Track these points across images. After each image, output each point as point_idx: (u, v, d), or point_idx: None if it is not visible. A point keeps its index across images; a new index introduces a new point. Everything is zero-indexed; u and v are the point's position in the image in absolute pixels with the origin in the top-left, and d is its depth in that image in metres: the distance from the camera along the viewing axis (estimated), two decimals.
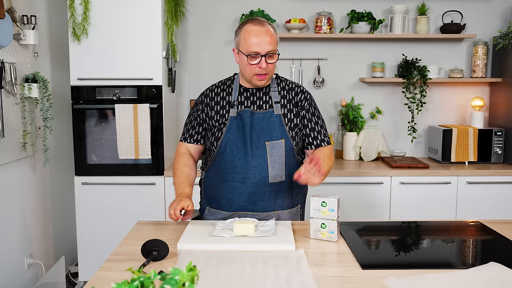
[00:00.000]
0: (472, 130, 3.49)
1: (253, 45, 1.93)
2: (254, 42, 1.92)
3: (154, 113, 3.18)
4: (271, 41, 1.93)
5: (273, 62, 1.97)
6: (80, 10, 3.08)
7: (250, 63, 1.95)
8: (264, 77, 1.98)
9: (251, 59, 1.94)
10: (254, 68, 1.96)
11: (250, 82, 2.04)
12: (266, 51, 1.93)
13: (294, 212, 2.11)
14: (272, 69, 2.00)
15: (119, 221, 3.18)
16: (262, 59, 1.93)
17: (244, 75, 2.03)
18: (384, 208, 3.28)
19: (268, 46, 1.93)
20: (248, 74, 2.00)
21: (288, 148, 2.02)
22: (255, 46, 1.92)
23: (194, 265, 0.92)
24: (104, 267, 1.53)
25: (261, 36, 1.92)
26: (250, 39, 1.93)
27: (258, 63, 1.94)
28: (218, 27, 3.75)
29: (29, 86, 2.85)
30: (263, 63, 1.94)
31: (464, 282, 1.40)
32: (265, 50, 1.93)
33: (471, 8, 3.73)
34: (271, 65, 1.97)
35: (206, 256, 1.59)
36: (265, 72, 1.96)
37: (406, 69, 3.59)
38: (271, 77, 2.04)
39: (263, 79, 1.99)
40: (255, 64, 1.95)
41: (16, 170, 2.87)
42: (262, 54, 1.93)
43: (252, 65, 1.95)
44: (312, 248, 1.70)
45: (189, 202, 1.93)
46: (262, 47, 1.92)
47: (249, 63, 1.95)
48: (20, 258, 2.92)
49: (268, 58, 1.94)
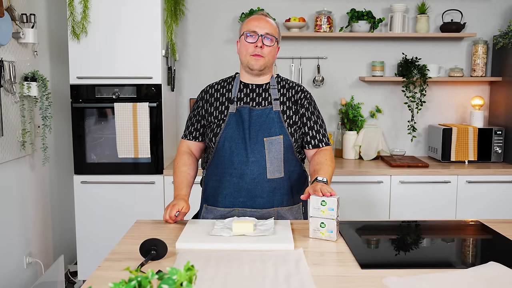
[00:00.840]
0: (472, 129, 3.48)
1: (252, 26, 2.04)
2: (254, 24, 2.04)
3: (153, 112, 3.17)
4: (271, 27, 2.04)
5: (270, 46, 2.02)
6: (79, 8, 3.07)
7: (247, 41, 2.02)
8: (260, 57, 2.02)
9: (249, 38, 2.02)
10: (251, 47, 2.02)
11: (247, 67, 2.06)
12: (264, 32, 2.01)
13: (295, 210, 2.10)
14: (269, 55, 2.03)
15: (118, 220, 3.18)
16: (259, 38, 2.01)
17: (241, 59, 2.08)
18: (384, 207, 3.28)
19: (267, 28, 2.03)
20: (244, 56, 2.05)
21: (286, 145, 2.03)
22: (254, 26, 2.03)
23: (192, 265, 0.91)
24: (102, 267, 1.53)
25: (262, 21, 2.04)
26: (251, 22, 2.05)
27: (255, 42, 2.01)
28: (217, 26, 3.75)
29: (28, 84, 2.84)
30: (259, 42, 2.01)
31: (463, 282, 1.40)
32: (263, 30, 2.02)
33: (471, 7, 3.73)
34: (268, 49, 2.02)
35: (204, 255, 1.59)
36: (261, 52, 2.01)
37: (406, 68, 3.58)
38: (267, 64, 2.05)
39: (258, 59, 2.03)
40: (252, 43, 2.01)
41: (15, 169, 2.87)
42: (260, 33, 2.01)
43: (249, 44, 2.01)
44: (311, 248, 1.69)
45: (184, 204, 1.96)
46: (260, 27, 2.03)
47: (246, 41, 2.02)
48: (19, 257, 2.92)
49: (265, 40, 2.01)
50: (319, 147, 2.10)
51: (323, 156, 2.07)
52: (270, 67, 2.10)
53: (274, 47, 2.06)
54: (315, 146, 2.10)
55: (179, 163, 2.14)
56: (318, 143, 2.10)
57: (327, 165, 2.02)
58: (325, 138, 2.12)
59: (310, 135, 2.09)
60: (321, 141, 2.11)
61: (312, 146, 2.10)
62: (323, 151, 2.10)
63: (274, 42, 2.04)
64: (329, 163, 2.04)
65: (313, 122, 2.10)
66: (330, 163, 2.04)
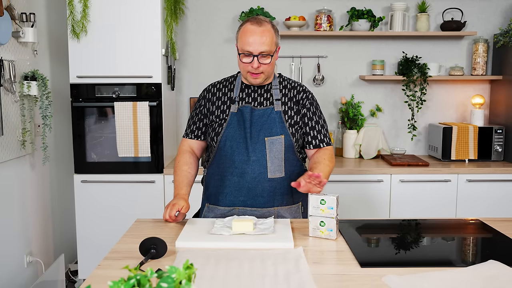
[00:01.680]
0: (472, 128, 3.48)
1: (246, 44, 1.95)
2: (248, 42, 1.95)
3: (153, 111, 3.17)
4: (265, 42, 1.95)
5: (266, 63, 1.98)
6: (79, 7, 3.07)
7: (243, 61, 1.99)
8: (258, 76, 2.01)
9: (244, 57, 1.98)
10: (247, 66, 1.99)
11: (245, 79, 2.06)
12: (258, 52, 1.95)
13: (295, 210, 2.11)
14: (268, 68, 2.01)
15: (118, 219, 3.18)
16: (254, 59, 1.96)
17: (241, 71, 2.07)
18: (384, 206, 3.28)
19: (261, 46, 1.94)
20: (242, 71, 2.05)
21: (287, 144, 2.03)
22: (248, 45, 1.95)
23: (191, 263, 0.91)
24: (102, 265, 1.53)
25: (255, 36, 1.94)
26: (245, 38, 1.96)
27: (250, 62, 1.97)
28: (217, 25, 3.75)
29: (28, 84, 2.84)
30: (255, 62, 1.96)
31: (463, 280, 1.40)
32: (258, 50, 1.95)
33: (471, 5, 3.72)
34: (266, 66, 1.99)
35: (204, 254, 1.59)
36: (257, 71, 1.99)
37: (406, 66, 3.58)
38: (267, 76, 2.04)
39: (256, 78, 2.01)
40: (248, 63, 1.98)
41: (15, 168, 2.87)
42: (255, 54, 1.95)
43: (245, 64, 1.99)
44: (311, 246, 1.69)
45: (184, 203, 1.95)
46: (255, 47, 1.94)
47: (242, 61, 1.99)
48: (20, 256, 2.92)
49: (261, 59, 1.97)
50: (320, 147, 2.10)
51: (321, 155, 2.07)
52: (271, 76, 2.10)
53: (272, 61, 2.00)
54: (316, 146, 2.10)
55: (180, 162, 2.14)
56: (319, 143, 2.10)
57: (325, 164, 2.02)
58: (327, 138, 2.12)
59: (311, 135, 2.09)
60: (322, 141, 2.10)
61: (313, 146, 2.10)
62: (323, 150, 2.10)
63: (271, 58, 1.99)
64: (327, 162, 2.04)
65: (314, 123, 2.10)
66: (328, 162, 2.04)
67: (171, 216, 1.92)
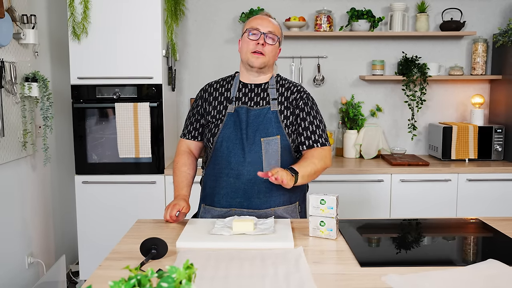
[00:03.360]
0: (472, 128, 3.49)
1: (255, 24, 2.06)
2: (257, 22, 2.06)
3: (154, 112, 3.18)
4: (274, 26, 2.06)
5: (271, 44, 2.04)
6: (80, 9, 3.08)
7: (249, 38, 2.04)
8: (260, 55, 2.03)
9: (252, 35, 2.03)
10: (252, 44, 2.03)
11: (247, 63, 2.06)
12: (267, 30, 2.04)
13: (291, 209, 2.08)
14: (270, 53, 2.04)
15: (119, 219, 3.19)
16: (262, 35, 2.02)
17: (242, 56, 2.08)
18: (385, 205, 3.28)
19: (269, 27, 2.05)
20: (245, 53, 2.05)
21: (284, 145, 2.02)
22: (257, 24, 2.05)
23: (191, 263, 0.92)
24: (102, 266, 1.53)
25: (265, 20, 2.07)
26: (254, 20, 2.08)
27: (257, 39, 2.02)
28: (218, 26, 3.75)
29: (29, 85, 2.85)
30: (262, 39, 2.02)
31: (464, 279, 1.40)
32: (267, 29, 2.04)
33: (470, 5, 3.73)
34: (269, 47, 2.03)
35: (205, 254, 1.59)
36: (262, 50, 2.02)
37: (406, 66, 3.59)
38: (268, 62, 2.05)
39: (259, 57, 2.03)
40: (254, 40, 2.02)
41: (17, 169, 2.88)
42: (263, 31, 2.03)
43: (251, 41, 2.03)
44: (311, 246, 1.70)
45: (184, 203, 1.97)
46: (264, 26, 2.05)
47: (249, 38, 2.04)
48: (21, 257, 2.93)
49: (267, 39, 2.03)
50: (313, 147, 2.05)
51: (311, 153, 2.02)
52: (271, 66, 2.10)
53: (276, 46, 2.06)
54: (309, 146, 2.05)
55: (179, 163, 2.14)
56: (313, 144, 2.05)
57: (311, 162, 1.97)
58: (322, 138, 2.06)
59: (305, 135, 2.06)
60: (316, 142, 2.05)
61: (307, 146, 2.06)
62: (316, 149, 2.04)
63: (276, 41, 2.05)
64: (314, 161, 1.99)
65: (308, 123, 2.06)
66: (315, 161, 1.99)
67: (171, 216, 1.93)
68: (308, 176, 1.96)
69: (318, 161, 2.00)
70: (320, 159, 2.02)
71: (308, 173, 1.96)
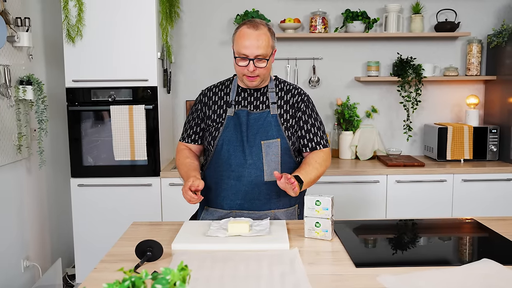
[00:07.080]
0: (467, 128, 3.50)
1: (242, 48, 1.95)
2: (244, 45, 1.94)
3: (149, 114, 3.18)
4: (261, 45, 1.94)
5: (262, 67, 1.98)
6: (74, 12, 3.08)
7: (239, 65, 1.99)
8: (254, 79, 2.01)
9: (240, 60, 1.98)
10: (243, 70, 1.99)
11: (242, 82, 2.07)
12: (254, 55, 1.95)
13: (291, 212, 2.11)
14: (264, 71, 2.01)
15: (115, 222, 3.18)
16: (250, 62, 1.95)
17: (237, 74, 2.07)
18: (380, 206, 3.29)
19: (257, 50, 1.94)
20: (238, 74, 2.04)
21: (284, 148, 2.03)
22: (244, 49, 1.94)
23: (185, 265, 0.92)
24: (98, 268, 1.53)
25: (251, 40, 1.94)
26: (241, 41, 1.96)
27: (246, 65, 1.97)
28: (212, 28, 3.75)
29: (23, 88, 2.84)
30: (251, 66, 1.96)
31: (458, 279, 1.40)
32: (254, 54, 1.94)
33: (465, 6, 3.74)
34: (262, 69, 1.99)
35: (200, 256, 1.59)
36: (253, 75, 1.99)
37: (401, 67, 3.60)
38: (263, 79, 2.05)
39: (252, 81, 2.01)
40: (244, 67, 1.98)
41: (12, 173, 2.87)
42: (250, 58, 1.95)
43: (241, 67, 1.99)
44: (306, 247, 1.70)
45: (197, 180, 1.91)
46: (250, 51, 1.94)
47: (238, 65, 1.99)
48: (17, 261, 2.91)
49: (256, 62, 1.96)
50: (316, 149, 2.10)
51: (314, 157, 2.06)
52: (267, 78, 2.11)
53: (268, 64, 2.01)
54: (312, 149, 2.09)
55: (181, 158, 2.13)
56: (315, 146, 2.09)
57: (314, 167, 2.01)
58: (323, 140, 2.11)
59: (307, 138, 2.09)
60: (319, 144, 2.10)
61: (310, 149, 2.10)
62: (317, 152, 2.09)
63: (266, 62, 1.98)
64: (317, 165, 2.02)
65: (310, 125, 2.10)
66: (318, 165, 2.03)
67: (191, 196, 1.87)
68: (311, 183, 2.01)
69: (320, 165, 2.04)
70: (322, 162, 2.06)
71: (312, 180, 2.00)
